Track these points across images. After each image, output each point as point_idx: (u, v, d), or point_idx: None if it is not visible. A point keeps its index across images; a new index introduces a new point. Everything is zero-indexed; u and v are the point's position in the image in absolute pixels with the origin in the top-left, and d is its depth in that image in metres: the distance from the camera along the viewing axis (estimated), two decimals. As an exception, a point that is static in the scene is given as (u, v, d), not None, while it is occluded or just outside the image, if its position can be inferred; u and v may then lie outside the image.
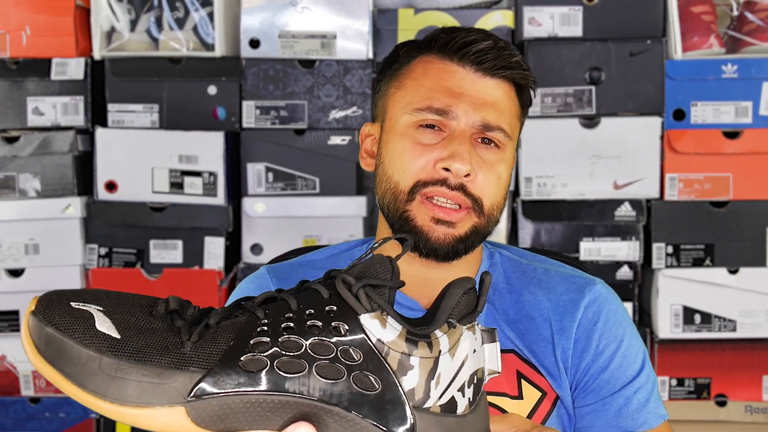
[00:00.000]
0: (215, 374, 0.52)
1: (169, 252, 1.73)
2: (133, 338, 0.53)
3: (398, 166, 0.88)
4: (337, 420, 0.54)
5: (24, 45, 1.71)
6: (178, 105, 1.73)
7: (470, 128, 0.87)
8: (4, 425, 1.73)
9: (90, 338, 0.52)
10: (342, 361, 0.54)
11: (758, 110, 1.68)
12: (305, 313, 0.55)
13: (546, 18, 1.70)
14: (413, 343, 0.55)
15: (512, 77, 0.91)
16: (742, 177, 1.68)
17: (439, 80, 0.89)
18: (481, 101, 0.88)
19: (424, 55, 0.92)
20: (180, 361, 0.52)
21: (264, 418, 0.53)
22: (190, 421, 0.52)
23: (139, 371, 0.51)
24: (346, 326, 0.54)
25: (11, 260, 1.72)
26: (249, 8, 1.72)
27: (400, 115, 0.90)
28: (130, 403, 0.51)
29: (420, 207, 0.87)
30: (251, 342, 0.53)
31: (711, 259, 1.68)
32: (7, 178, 1.71)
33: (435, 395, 0.55)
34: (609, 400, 0.90)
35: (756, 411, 1.70)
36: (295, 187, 1.73)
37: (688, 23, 1.68)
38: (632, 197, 1.69)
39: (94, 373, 0.51)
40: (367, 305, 0.55)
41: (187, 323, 0.55)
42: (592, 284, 0.95)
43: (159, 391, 0.52)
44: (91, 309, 0.53)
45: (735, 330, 1.68)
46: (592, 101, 1.69)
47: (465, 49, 0.89)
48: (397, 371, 0.54)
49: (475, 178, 0.87)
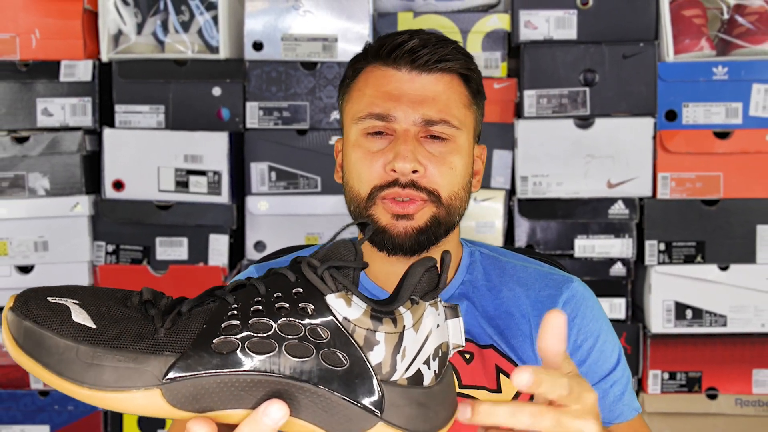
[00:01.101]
0: (188, 357, 0.53)
1: (175, 249, 1.75)
2: (109, 327, 0.54)
3: (356, 176, 0.91)
4: (308, 396, 0.55)
5: (33, 48, 1.74)
6: (184, 106, 1.75)
7: (413, 127, 0.89)
8: (14, 418, 1.75)
9: (67, 329, 0.53)
10: (310, 339, 0.55)
11: (748, 111, 1.69)
12: (273, 296, 0.56)
13: (541, 21, 1.72)
14: (378, 319, 0.56)
15: (449, 68, 0.91)
16: (732, 176, 1.69)
17: (378, 86, 0.91)
18: (420, 99, 0.90)
19: (367, 65, 0.94)
20: (154, 346, 0.53)
21: (237, 397, 0.54)
22: (166, 402, 0.53)
23: (115, 357, 0.52)
24: (313, 306, 0.55)
25: (21, 257, 1.74)
26: (252, 12, 1.74)
27: (350, 127, 0.93)
28: (108, 388, 0.52)
29: (379, 208, 0.89)
30: (222, 325, 0.54)
31: (702, 256, 1.70)
32: (17, 177, 1.73)
33: (401, 368, 0.57)
34: None
35: (746, 404, 1.72)
36: (297, 186, 1.76)
37: (680, 26, 1.70)
38: (625, 196, 1.71)
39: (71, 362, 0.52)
40: (333, 286, 0.56)
41: (161, 312, 0.56)
42: (569, 282, 0.97)
43: (135, 375, 0.52)
44: (67, 302, 0.55)
45: (725, 325, 1.70)
46: (587, 102, 1.71)
47: (396, 51, 0.90)
48: (363, 347, 0.56)
49: (426, 172, 0.88)
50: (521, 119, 1.72)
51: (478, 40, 1.74)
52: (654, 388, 1.72)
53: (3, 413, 1.76)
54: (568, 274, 1.01)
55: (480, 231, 1.74)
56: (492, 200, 1.73)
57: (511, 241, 1.77)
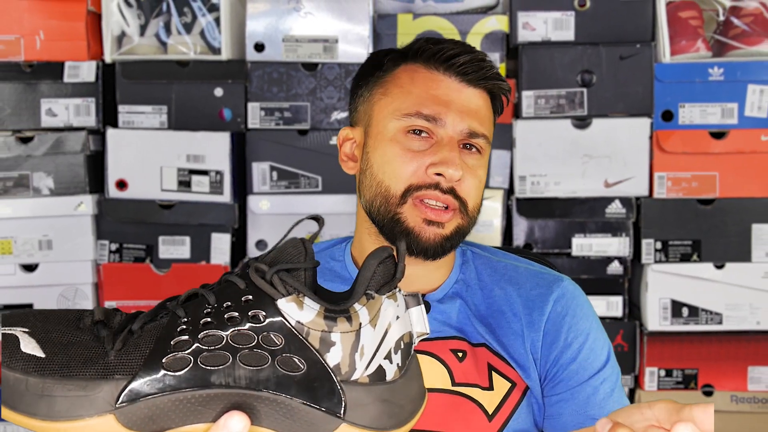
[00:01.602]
0: (140, 378, 0.52)
1: (178, 248, 1.77)
2: (58, 354, 0.53)
3: (389, 172, 0.91)
4: (268, 404, 0.54)
5: (38, 49, 1.75)
6: (186, 106, 1.77)
7: (458, 135, 0.91)
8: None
9: (15, 361, 0.52)
10: (264, 347, 0.54)
11: (743, 111, 1.71)
12: (223, 306, 0.55)
13: (539, 23, 1.74)
14: (332, 319, 0.55)
15: (491, 87, 0.95)
16: (728, 176, 1.71)
17: (427, 88, 0.92)
18: (466, 110, 0.92)
19: (408, 63, 0.94)
20: (104, 370, 0.52)
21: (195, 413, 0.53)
22: (122, 426, 0.52)
23: (65, 386, 0.51)
24: (264, 313, 0.54)
25: (25, 255, 1.76)
26: (254, 13, 1.75)
27: (388, 121, 0.92)
28: (61, 418, 0.51)
29: (412, 209, 0.89)
30: (172, 342, 0.53)
31: (698, 254, 1.72)
32: (22, 176, 1.75)
33: (361, 366, 0.55)
34: (577, 390, 0.93)
35: (741, 400, 1.73)
36: (298, 186, 1.77)
37: (676, 28, 1.71)
38: (622, 195, 1.72)
39: (22, 394, 0.51)
40: (282, 290, 0.55)
41: (112, 332, 0.55)
42: (559, 281, 0.98)
43: (86, 403, 0.51)
44: (16, 332, 0.53)
45: (721, 323, 1.71)
46: (584, 103, 1.73)
47: (451, 60, 0.92)
48: (320, 349, 0.54)
49: (462, 182, 0.90)
50: (519, 119, 1.74)
51: (477, 42, 1.76)
52: (651, 385, 1.74)
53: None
54: (558, 273, 1.02)
55: (479, 230, 1.76)
56: (491, 199, 1.75)
57: (509, 239, 1.79)
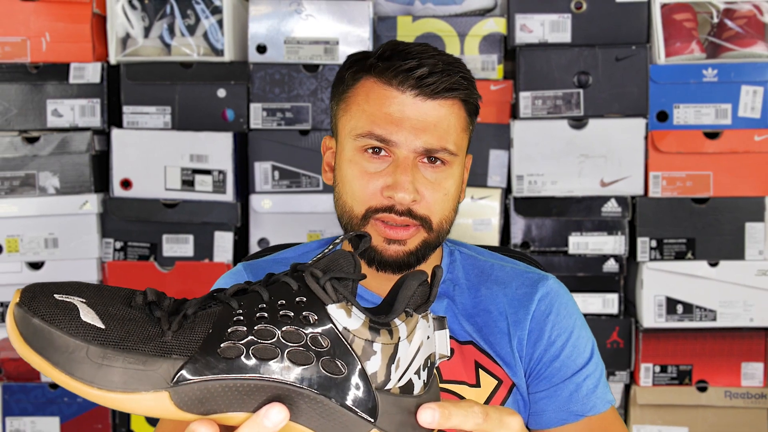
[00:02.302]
0: (196, 361, 0.54)
1: (181, 246, 1.79)
2: (117, 328, 0.54)
3: (350, 193, 0.91)
4: (308, 402, 0.56)
5: (44, 50, 1.78)
6: (190, 107, 1.79)
7: (413, 153, 0.89)
8: (25, 409, 1.80)
9: (76, 328, 0.52)
10: (311, 347, 0.56)
11: (737, 112, 1.73)
12: (277, 304, 0.57)
13: (537, 25, 1.76)
14: (376, 330, 0.58)
15: (453, 97, 0.91)
16: (721, 175, 1.73)
17: (380, 106, 0.90)
18: (422, 125, 0.89)
19: (367, 76, 0.92)
20: (162, 349, 0.54)
21: (241, 401, 0.55)
22: (173, 404, 0.53)
23: (125, 359, 0.52)
24: (315, 316, 0.57)
25: (31, 254, 1.79)
26: (256, 16, 1.78)
27: (347, 141, 0.92)
28: (117, 389, 0.52)
29: (373, 229, 0.90)
30: (228, 330, 0.55)
31: (692, 252, 1.74)
32: (28, 176, 1.78)
33: (395, 378, 0.58)
34: (561, 386, 0.94)
35: (735, 396, 1.76)
36: (300, 185, 1.79)
37: (671, 30, 1.74)
38: (618, 194, 1.75)
39: (81, 361, 0.52)
40: (334, 296, 0.57)
41: (166, 313, 0.56)
42: (544, 279, 1.00)
43: (144, 378, 0.53)
44: (75, 301, 0.54)
45: (715, 319, 1.74)
46: (580, 103, 1.75)
47: (403, 75, 0.89)
48: (361, 356, 0.57)
49: (422, 200, 0.89)
50: (517, 120, 1.77)
51: (475, 43, 1.79)
52: (646, 381, 1.77)
53: (14, 405, 1.80)
54: (543, 272, 1.03)
55: (477, 228, 1.78)
56: (488, 198, 1.78)
57: (507, 238, 1.81)
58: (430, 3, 1.83)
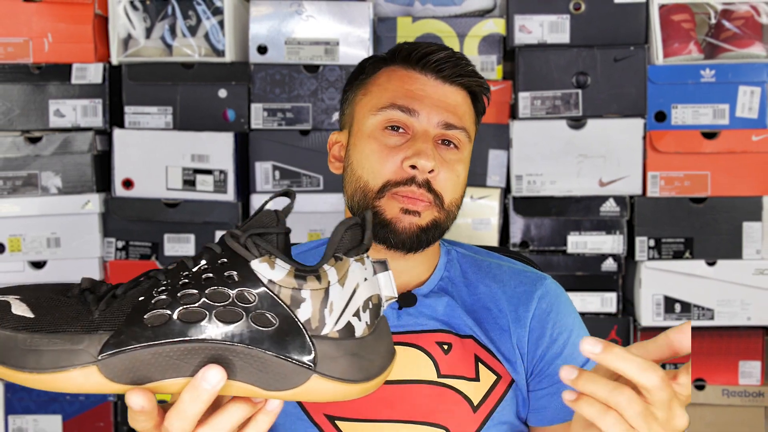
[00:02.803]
0: (121, 333, 0.55)
1: (182, 245, 1.80)
2: (46, 315, 0.56)
3: (367, 167, 0.92)
4: (242, 358, 0.56)
5: (46, 51, 1.79)
6: (191, 107, 1.80)
7: (433, 128, 0.92)
8: (27, 408, 1.81)
9: (6, 321, 0.55)
10: (239, 304, 0.57)
11: (734, 112, 1.74)
12: (200, 268, 0.58)
13: (536, 26, 1.77)
14: (302, 278, 0.58)
15: (468, 84, 0.97)
16: (719, 175, 1.74)
17: (402, 84, 0.94)
18: (442, 104, 0.93)
19: (388, 66, 0.97)
20: (89, 326, 0.55)
21: (174, 366, 0.56)
22: (104, 377, 0.55)
23: (51, 340, 0.54)
24: (237, 273, 0.57)
25: (34, 253, 1.80)
26: (257, 17, 1.79)
27: (367, 118, 0.94)
28: (47, 370, 0.54)
29: (389, 201, 0.91)
30: (153, 301, 0.57)
31: (690, 251, 1.75)
32: (30, 176, 1.78)
33: (330, 322, 0.58)
34: (562, 384, 0.94)
35: (732, 394, 1.77)
36: (300, 185, 1.80)
37: (669, 31, 1.75)
38: (616, 194, 1.76)
39: (11, 349, 0.54)
40: (255, 252, 0.58)
41: (97, 297, 0.58)
42: (542, 279, 1.01)
43: (71, 356, 0.54)
44: (8, 298, 0.57)
45: (713, 318, 1.75)
46: (579, 104, 1.76)
47: (426, 58, 0.94)
48: (291, 305, 0.57)
49: (437, 175, 0.91)
50: (516, 120, 1.78)
51: (475, 44, 1.80)
52: (644, 379, 1.77)
53: (17, 403, 1.81)
54: (540, 272, 1.04)
55: (476, 228, 1.79)
56: (488, 198, 1.79)
57: (506, 237, 1.82)
58: (430, 4, 1.84)
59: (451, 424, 0.91)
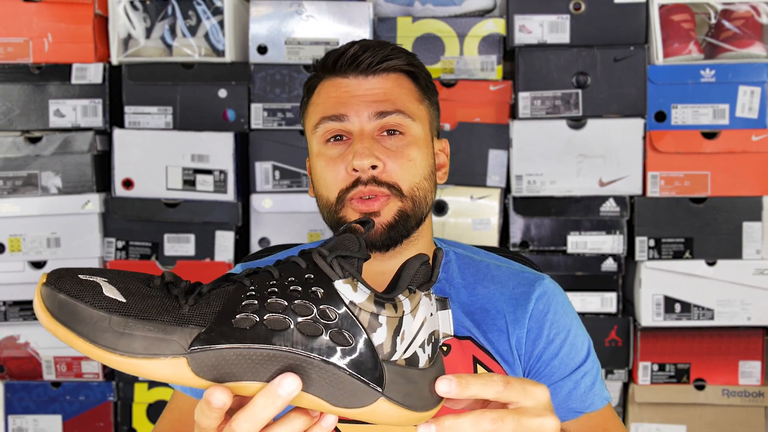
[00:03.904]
0: (212, 330, 0.57)
1: (182, 245, 1.80)
2: (138, 301, 0.58)
3: (323, 183, 0.94)
4: (318, 371, 0.59)
5: (46, 51, 1.79)
6: (191, 107, 1.80)
7: (367, 124, 0.92)
8: (27, 408, 1.81)
9: (99, 302, 0.57)
10: (320, 320, 0.59)
11: (734, 112, 1.75)
12: (287, 281, 0.61)
13: (536, 26, 1.77)
14: (381, 305, 0.61)
15: (392, 67, 0.95)
16: (719, 175, 1.74)
17: (329, 96, 0.95)
18: (369, 97, 0.93)
19: (319, 82, 0.98)
20: (180, 319, 0.58)
21: (254, 369, 0.58)
22: (191, 370, 0.57)
23: (145, 327, 0.57)
24: (323, 290, 0.60)
25: (34, 253, 1.80)
26: (257, 17, 1.79)
27: (311, 139, 0.96)
28: (138, 355, 0.56)
29: (348, 210, 0.92)
30: (242, 304, 0.59)
31: (690, 251, 1.75)
32: (31, 176, 1.79)
33: (400, 350, 0.61)
34: (560, 384, 0.95)
35: (732, 394, 1.77)
36: (300, 185, 1.80)
37: (669, 31, 1.75)
38: (616, 194, 1.76)
39: (104, 330, 0.56)
40: (340, 273, 0.61)
41: (182, 291, 0.60)
42: (541, 279, 1.01)
43: (163, 345, 0.57)
44: (98, 279, 0.59)
45: (713, 318, 1.75)
46: (579, 104, 1.76)
47: (339, 60, 0.94)
48: (367, 328, 0.60)
49: (385, 167, 0.91)
50: (516, 120, 1.78)
51: (475, 44, 1.80)
52: (644, 379, 1.78)
53: (17, 403, 1.81)
54: (538, 272, 1.04)
55: (476, 228, 1.79)
56: (488, 198, 1.79)
57: (506, 237, 1.82)
58: (430, 4, 1.84)
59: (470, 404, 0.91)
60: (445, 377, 0.61)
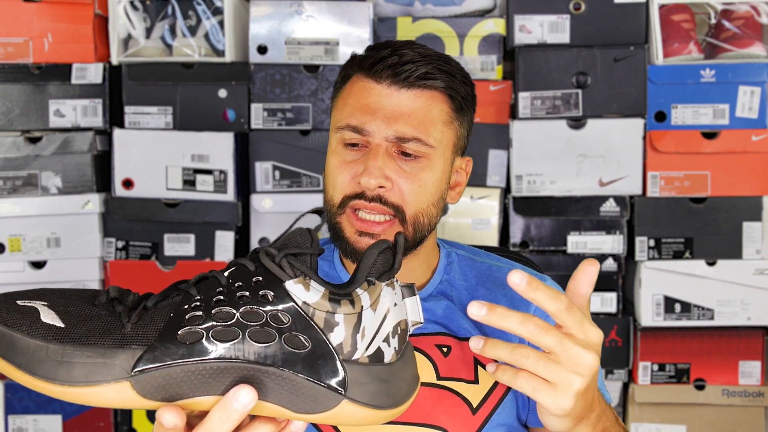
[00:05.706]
0: (155, 349, 0.54)
1: (182, 245, 1.80)
2: (77, 325, 0.55)
3: (330, 182, 0.93)
4: (274, 379, 0.56)
5: (46, 51, 1.79)
6: (191, 107, 1.80)
7: (385, 142, 0.90)
8: (27, 408, 1.81)
9: (36, 329, 0.54)
10: (272, 325, 0.56)
11: (734, 112, 1.75)
12: (234, 286, 0.57)
13: (536, 26, 1.77)
14: (336, 302, 0.58)
15: (431, 87, 0.91)
16: (719, 175, 1.74)
17: (359, 98, 0.92)
18: (396, 114, 0.89)
19: (354, 74, 0.95)
20: (121, 340, 0.54)
21: (206, 384, 0.55)
22: (136, 393, 0.54)
23: (84, 353, 0.53)
24: (273, 293, 0.57)
25: (34, 253, 1.80)
26: (257, 17, 1.79)
27: (332, 134, 0.95)
28: (79, 384, 0.53)
29: (347, 219, 0.91)
30: (186, 317, 0.56)
31: (690, 251, 1.75)
32: (31, 176, 1.79)
33: (362, 347, 0.58)
34: None
35: (732, 394, 1.77)
36: (300, 185, 1.80)
37: (669, 31, 1.75)
38: (616, 194, 1.76)
39: (42, 360, 0.53)
40: (290, 272, 0.58)
41: (127, 308, 0.57)
42: (542, 280, 0.98)
43: (104, 370, 0.53)
44: (36, 304, 0.56)
45: (713, 318, 1.75)
46: (579, 104, 1.76)
47: (378, 65, 0.90)
48: (324, 329, 0.57)
49: (393, 188, 0.89)
50: (516, 120, 1.78)
51: (475, 44, 1.80)
52: (644, 379, 1.78)
53: (16, 403, 1.81)
54: (539, 272, 1.04)
55: (476, 228, 1.79)
56: (488, 198, 1.79)
57: (506, 237, 1.82)
58: (430, 4, 1.84)
59: (450, 426, 0.91)
60: (514, 272, 0.64)
